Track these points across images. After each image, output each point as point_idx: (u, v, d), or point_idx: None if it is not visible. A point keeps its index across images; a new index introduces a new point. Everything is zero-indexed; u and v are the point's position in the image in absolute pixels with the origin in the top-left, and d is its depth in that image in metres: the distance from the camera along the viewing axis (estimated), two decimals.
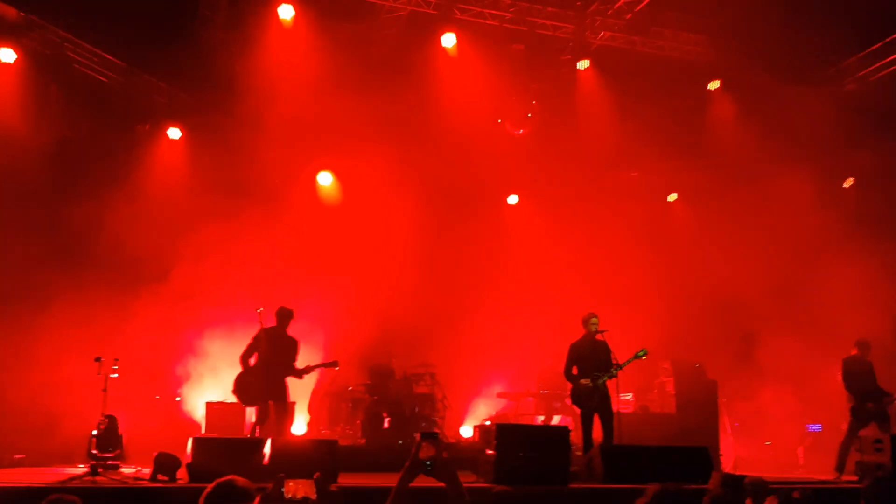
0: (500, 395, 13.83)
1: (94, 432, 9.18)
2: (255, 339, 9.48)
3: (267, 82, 12.45)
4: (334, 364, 9.85)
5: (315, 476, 6.39)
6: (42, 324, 10.82)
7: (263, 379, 9.34)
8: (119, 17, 12.03)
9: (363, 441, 11.53)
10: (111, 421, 10.02)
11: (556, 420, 12.75)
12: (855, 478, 9.46)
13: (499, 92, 13.79)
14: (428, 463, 3.83)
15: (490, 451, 8.20)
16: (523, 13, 13.21)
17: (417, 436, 3.87)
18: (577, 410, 10.03)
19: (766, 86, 13.92)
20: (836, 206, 14.01)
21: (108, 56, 13.01)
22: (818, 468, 11.38)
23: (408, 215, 13.49)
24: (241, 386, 9.44)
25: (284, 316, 9.66)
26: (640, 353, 9.83)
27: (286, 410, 9.56)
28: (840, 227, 13.21)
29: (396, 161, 13.23)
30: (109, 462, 9.43)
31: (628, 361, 9.75)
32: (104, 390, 8.96)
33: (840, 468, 10.21)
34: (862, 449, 9.59)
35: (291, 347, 9.59)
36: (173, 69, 12.97)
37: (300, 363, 9.73)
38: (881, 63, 13.66)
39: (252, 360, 9.45)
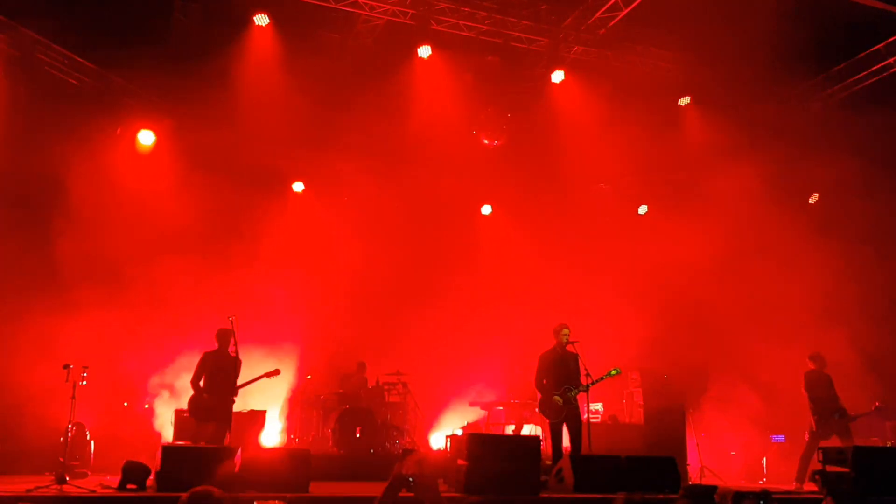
0: (471, 405, 13.88)
1: (62, 440, 9.08)
2: (201, 362, 9.70)
3: (241, 89, 12.42)
4: (275, 373, 10.03)
5: (287, 496, 6.43)
6: (9, 330, 10.66)
7: (212, 399, 9.53)
8: (92, 20, 11.91)
9: (335, 450, 11.51)
10: (79, 428, 9.92)
11: (526, 430, 12.83)
12: (815, 487, 9.67)
13: (474, 103, 13.90)
14: (410, 479, 3.93)
15: (461, 461, 8.25)
16: (498, 25, 13.32)
17: (401, 451, 4.00)
18: (547, 420, 10.13)
19: (734, 102, 14.20)
20: (803, 221, 14.31)
21: (79, 59, 12.86)
22: (781, 478, 11.62)
23: (381, 224, 13.56)
24: (194, 407, 9.58)
25: (224, 336, 9.77)
26: (613, 372, 10.00)
27: (225, 433, 9.64)
28: (806, 242, 13.51)
29: (371, 170, 13.28)
30: (77, 470, 9.34)
31: (601, 379, 9.87)
32: (72, 398, 8.88)
33: (801, 478, 10.45)
34: (824, 460, 9.79)
35: (234, 366, 9.69)
36: (147, 73, 12.83)
37: (248, 374, 9.85)
38: (845, 83, 14.02)
39: (202, 383, 9.63)
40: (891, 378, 12.10)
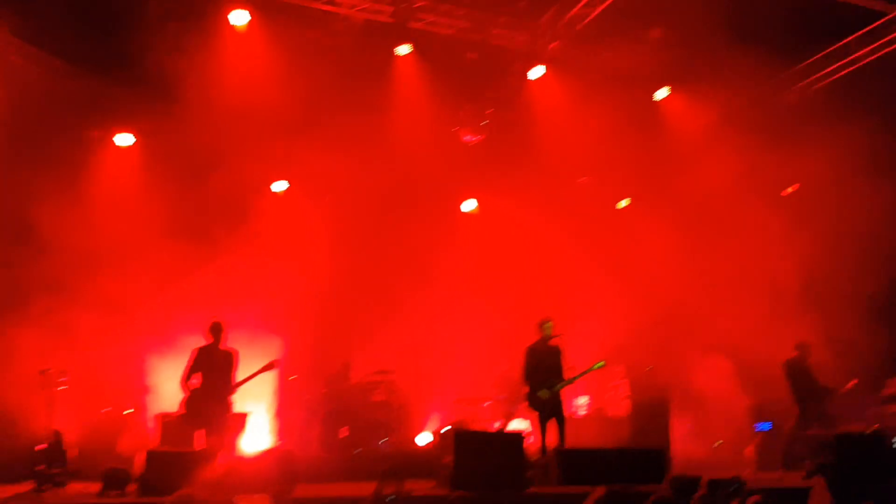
0: (457, 402, 13.87)
1: (40, 448, 8.96)
2: (194, 360, 9.30)
3: (219, 87, 12.30)
4: (272, 366, 9.65)
5: (273, 489, 6.39)
6: None
7: (205, 399, 9.17)
8: (67, 20, 11.76)
9: (320, 451, 11.45)
10: (58, 436, 9.79)
11: (513, 425, 12.83)
12: (801, 474, 9.72)
13: (454, 100, 13.87)
14: (390, 497, 4.01)
15: (448, 458, 8.23)
16: (477, 22, 13.32)
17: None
18: (533, 415, 10.13)
19: (711, 94, 14.28)
20: (781, 211, 14.40)
21: (56, 60, 12.70)
22: (767, 466, 11.68)
23: (363, 222, 13.50)
24: (188, 409, 9.22)
25: (216, 330, 9.41)
26: (598, 365, 10.03)
27: (228, 424, 9.39)
28: (784, 232, 13.61)
29: (352, 168, 13.20)
30: (57, 478, 9.21)
31: (585, 372, 9.89)
32: (50, 404, 8.75)
33: (786, 466, 10.51)
34: (809, 447, 9.84)
35: (228, 361, 9.35)
36: (124, 74, 12.70)
37: (244, 371, 9.48)
38: (821, 73, 14.11)
39: (194, 381, 9.24)
40: (865, 362, 12.20)
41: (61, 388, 8.84)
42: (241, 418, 11.69)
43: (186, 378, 9.24)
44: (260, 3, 12.34)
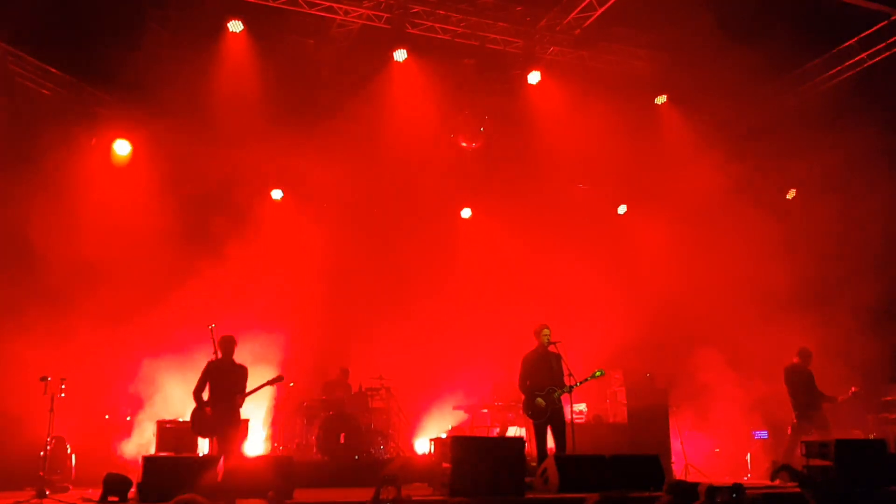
0: (455, 408, 13.89)
1: (42, 454, 8.99)
2: (205, 373, 9.40)
3: (216, 96, 12.35)
4: (279, 379, 9.83)
5: (269, 494, 6.41)
6: None
7: (216, 411, 9.29)
8: (64, 30, 11.80)
9: (319, 457, 11.47)
10: (59, 442, 9.83)
11: (511, 431, 12.84)
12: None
13: (451, 106, 13.90)
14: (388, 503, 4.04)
15: (446, 464, 8.25)
16: (474, 28, 13.34)
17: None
18: (531, 422, 10.14)
19: (710, 100, 14.30)
20: (781, 216, 14.43)
21: (52, 69, 12.73)
22: (765, 473, 11.69)
23: (361, 229, 13.52)
24: (196, 419, 9.32)
25: (229, 345, 9.55)
26: (597, 373, 10.05)
27: (236, 435, 9.50)
28: (784, 238, 13.63)
29: (349, 175, 13.23)
30: (58, 484, 9.26)
31: (585, 380, 9.90)
32: (51, 410, 8.80)
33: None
34: (807, 454, 9.86)
35: (240, 375, 9.51)
36: (121, 83, 12.75)
37: (250, 383, 9.61)
38: (821, 77, 14.13)
39: (205, 394, 9.36)
40: (864, 369, 12.21)
41: (61, 395, 8.86)
42: (243, 425, 11.73)
43: (198, 391, 9.33)
44: (256, 10, 12.37)
